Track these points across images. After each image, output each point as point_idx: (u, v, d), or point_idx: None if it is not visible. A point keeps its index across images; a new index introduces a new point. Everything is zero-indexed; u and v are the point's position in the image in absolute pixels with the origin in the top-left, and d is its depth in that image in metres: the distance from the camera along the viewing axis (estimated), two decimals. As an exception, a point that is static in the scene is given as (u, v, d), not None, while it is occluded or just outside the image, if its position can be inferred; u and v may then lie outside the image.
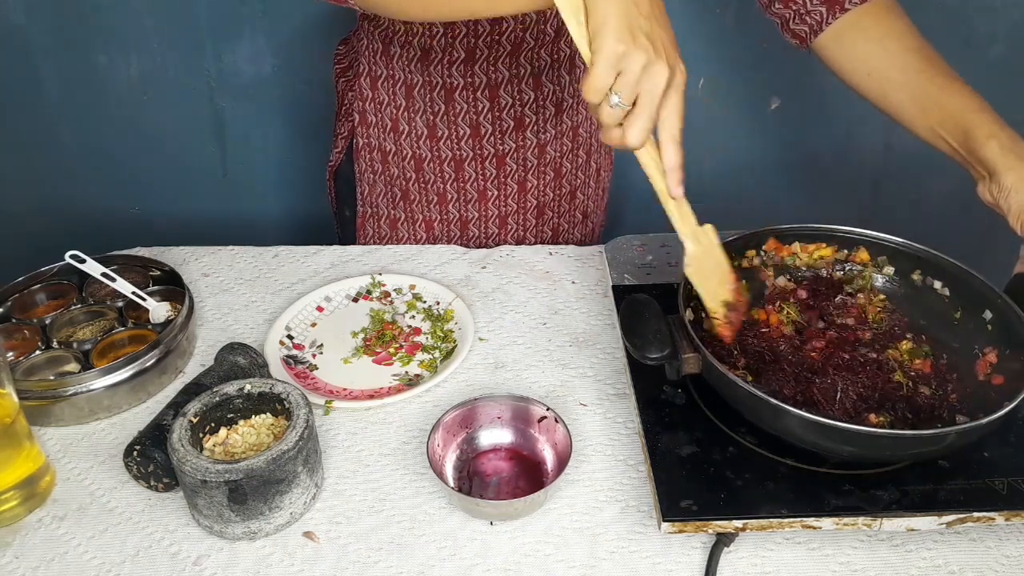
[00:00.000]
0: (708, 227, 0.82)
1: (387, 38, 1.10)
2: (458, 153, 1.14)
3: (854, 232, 0.94)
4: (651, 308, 0.83)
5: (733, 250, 0.88)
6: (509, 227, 1.22)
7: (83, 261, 0.96)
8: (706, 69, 1.56)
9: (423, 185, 1.18)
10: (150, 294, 0.99)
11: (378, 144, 1.16)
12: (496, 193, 1.18)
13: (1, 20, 1.52)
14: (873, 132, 1.64)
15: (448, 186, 1.17)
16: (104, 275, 0.96)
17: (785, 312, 0.88)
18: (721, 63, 1.55)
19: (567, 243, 1.25)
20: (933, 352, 0.85)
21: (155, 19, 1.54)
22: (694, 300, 0.85)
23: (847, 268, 0.94)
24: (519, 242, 1.22)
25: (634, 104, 0.71)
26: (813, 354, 0.83)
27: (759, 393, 0.72)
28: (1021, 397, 0.71)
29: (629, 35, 0.68)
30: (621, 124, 0.72)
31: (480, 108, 1.11)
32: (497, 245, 1.18)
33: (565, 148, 1.18)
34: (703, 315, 0.86)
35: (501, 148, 1.15)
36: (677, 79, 0.71)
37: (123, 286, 0.96)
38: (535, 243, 1.23)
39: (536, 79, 1.10)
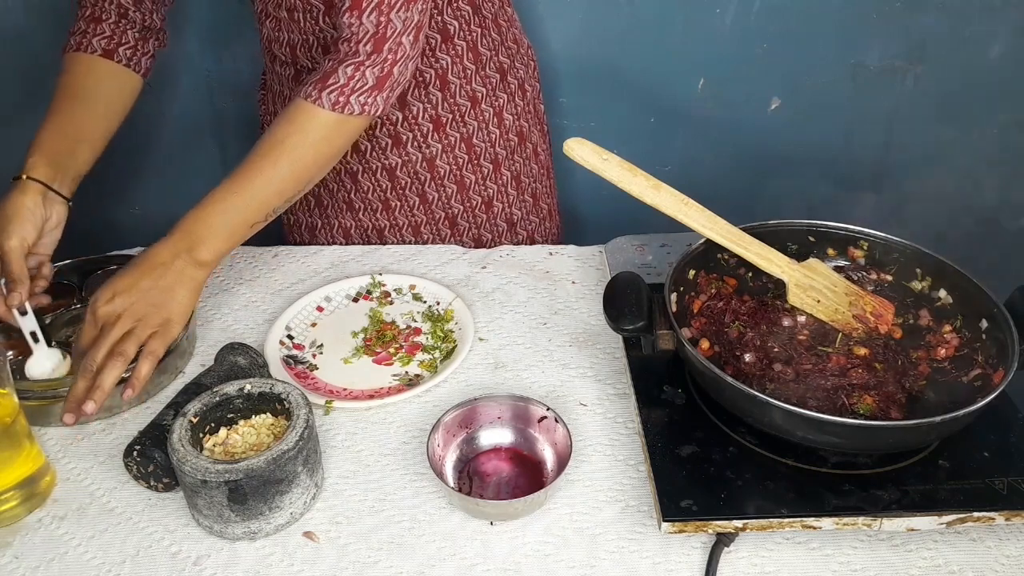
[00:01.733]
0: (811, 260, 0.89)
1: (272, 57, 1.12)
2: (348, 166, 1.16)
3: (854, 231, 0.94)
4: (635, 284, 0.86)
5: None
6: (424, 236, 1.21)
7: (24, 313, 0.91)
8: (706, 69, 1.56)
9: (331, 194, 1.19)
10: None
11: None
12: (399, 204, 1.18)
13: (1, 20, 1.52)
14: (873, 131, 1.64)
15: (352, 196, 1.18)
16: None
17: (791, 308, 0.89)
18: (721, 63, 1.54)
19: None
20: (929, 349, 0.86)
21: (155, 19, 1.54)
22: (683, 286, 0.89)
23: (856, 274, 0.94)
24: None
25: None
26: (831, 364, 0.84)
27: (721, 374, 0.74)
28: (994, 395, 0.72)
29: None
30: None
31: None
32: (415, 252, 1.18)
33: (461, 160, 1.17)
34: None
35: (387, 162, 1.15)
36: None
37: (26, 323, 0.90)
38: None
39: (401, 99, 1.10)
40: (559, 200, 1.37)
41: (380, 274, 1.08)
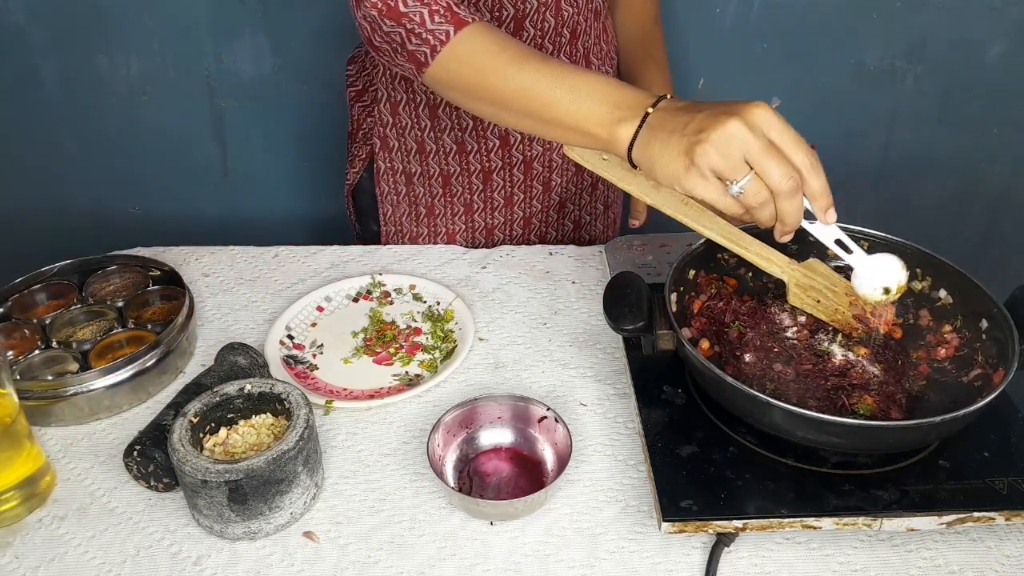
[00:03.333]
0: (811, 260, 0.88)
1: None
2: (487, 164, 1.15)
3: (854, 231, 0.94)
4: (635, 284, 0.86)
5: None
6: (534, 226, 1.23)
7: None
8: (706, 69, 1.56)
9: (449, 199, 1.19)
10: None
11: (402, 167, 1.17)
12: (522, 196, 1.20)
13: (1, 20, 1.52)
14: (873, 132, 1.64)
15: (475, 196, 1.18)
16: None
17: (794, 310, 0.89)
18: (721, 63, 1.55)
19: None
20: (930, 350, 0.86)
21: (155, 19, 1.54)
22: (683, 286, 0.89)
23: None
24: (541, 239, 1.25)
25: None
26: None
27: (721, 374, 0.74)
28: (994, 395, 0.72)
29: (687, 160, 0.72)
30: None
31: None
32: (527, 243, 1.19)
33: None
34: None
35: (529, 154, 1.16)
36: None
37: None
38: (560, 242, 1.26)
39: None
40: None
41: (380, 274, 1.08)
